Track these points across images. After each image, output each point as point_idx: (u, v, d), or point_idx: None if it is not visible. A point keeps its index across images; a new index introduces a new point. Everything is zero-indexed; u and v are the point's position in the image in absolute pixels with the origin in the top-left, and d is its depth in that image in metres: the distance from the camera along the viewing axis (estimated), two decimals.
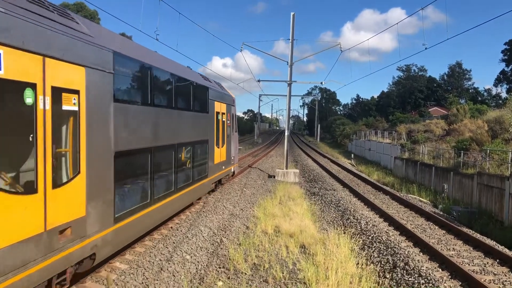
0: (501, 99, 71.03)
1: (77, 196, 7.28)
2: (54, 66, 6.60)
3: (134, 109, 9.67)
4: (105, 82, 8.20)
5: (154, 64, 10.90)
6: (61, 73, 6.79)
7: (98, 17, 55.71)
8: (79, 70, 7.31)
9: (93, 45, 7.79)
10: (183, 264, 9.96)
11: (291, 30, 26.28)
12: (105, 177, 8.29)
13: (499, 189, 19.95)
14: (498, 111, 35.87)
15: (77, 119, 7.29)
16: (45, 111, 6.39)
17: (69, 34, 7.07)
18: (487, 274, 10.71)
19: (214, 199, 17.64)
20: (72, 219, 7.11)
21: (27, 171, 6.15)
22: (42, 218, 6.35)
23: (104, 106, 8.22)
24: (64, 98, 6.91)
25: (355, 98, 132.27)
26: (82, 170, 7.41)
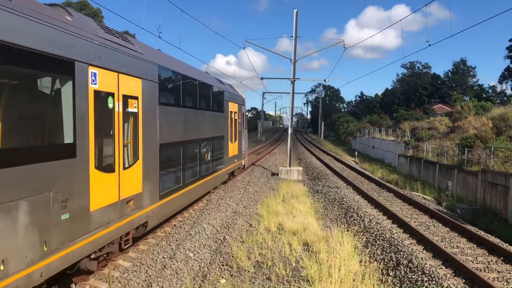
0: (506, 96, 70.77)
1: (137, 177, 9.69)
2: (123, 79, 8.95)
3: (171, 110, 12.00)
4: (153, 89, 10.60)
5: (183, 73, 13.31)
6: (127, 84, 9.14)
7: (101, 15, 55.76)
8: (137, 81, 9.68)
9: (145, 61, 10.17)
10: (186, 261, 9.97)
11: (294, 28, 26.22)
12: (154, 164, 10.66)
13: (503, 187, 19.86)
14: (503, 108, 35.71)
15: (136, 118, 9.65)
16: (119, 113, 8.78)
17: (130, 54, 9.42)
18: (491, 271, 10.67)
19: (217, 197, 17.65)
20: (134, 193, 9.53)
21: (110, 156, 8.50)
22: (117, 191, 8.74)
23: (153, 108, 10.59)
24: (129, 103, 9.28)
25: (359, 96, 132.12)
26: (140, 157, 9.81)
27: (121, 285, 8.38)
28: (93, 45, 7.92)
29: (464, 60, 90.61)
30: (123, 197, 8.94)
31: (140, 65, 9.85)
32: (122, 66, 8.92)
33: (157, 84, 10.77)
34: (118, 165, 8.75)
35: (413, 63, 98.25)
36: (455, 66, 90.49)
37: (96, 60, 7.93)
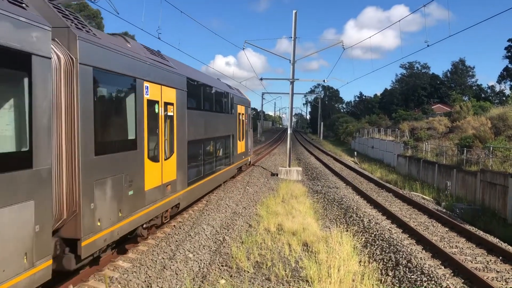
0: (504, 96, 70.80)
1: (172, 167, 12.11)
2: (164, 90, 11.46)
3: (195, 113, 14.54)
4: (183, 97, 13.03)
5: (203, 82, 15.89)
6: (167, 93, 11.63)
7: (100, 16, 55.76)
8: (173, 91, 12.14)
9: (177, 74, 12.66)
10: (185, 262, 9.99)
11: (293, 28, 26.26)
12: (183, 157, 13.12)
13: (502, 186, 19.89)
14: (502, 108, 35.81)
15: (172, 120, 12.06)
16: (161, 116, 11.22)
17: (167, 70, 11.90)
18: (490, 271, 10.70)
19: (216, 197, 17.67)
20: (171, 180, 11.96)
21: (157, 149, 10.99)
22: (160, 177, 11.21)
23: (183, 112, 13.01)
24: (168, 108, 11.70)
25: (358, 96, 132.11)
26: (174, 151, 12.26)
27: (121, 286, 8.40)
28: (146, 65, 10.37)
29: (463, 60, 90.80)
30: (164, 182, 11.48)
31: (174, 77, 12.37)
32: (163, 80, 11.46)
33: (185, 92, 13.28)
34: (161, 156, 11.29)
35: (412, 63, 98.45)
36: (454, 66, 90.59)
37: (148, 76, 10.38)
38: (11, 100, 6.15)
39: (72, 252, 7.55)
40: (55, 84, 7.07)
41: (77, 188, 7.47)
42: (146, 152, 10.26)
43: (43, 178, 6.46)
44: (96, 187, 8.01)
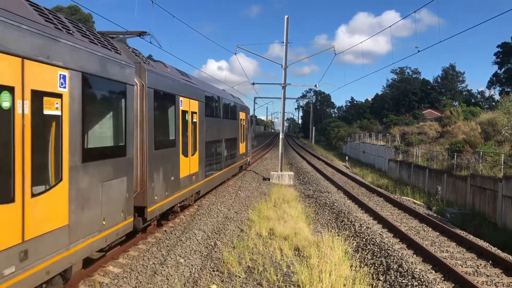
0: (494, 101, 71.54)
1: (196, 161, 15.50)
2: (191, 102, 14.78)
3: (210, 119, 17.86)
4: (202, 106, 16.39)
5: (215, 93, 19.43)
6: (192, 104, 14.97)
7: (92, 20, 55.58)
8: (196, 102, 15.48)
9: (198, 89, 16.16)
10: (176, 267, 9.93)
11: (285, 33, 26.38)
12: (202, 154, 16.45)
13: (492, 191, 20.06)
14: (491, 113, 36.15)
15: (196, 125, 15.49)
16: (189, 122, 14.55)
17: (192, 86, 15.33)
18: (480, 275, 10.76)
19: (208, 202, 17.62)
20: (195, 171, 15.32)
21: (186, 147, 14.16)
22: (189, 168, 14.48)
23: (203, 119, 16.49)
24: (193, 116, 15.09)
25: (350, 101, 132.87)
26: (197, 149, 15.60)
27: None
28: (180, 84, 13.88)
29: (453, 66, 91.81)
30: (191, 173, 14.88)
31: (197, 92, 15.74)
32: (190, 94, 14.72)
33: (204, 103, 16.60)
34: (189, 153, 14.62)
35: (402, 68, 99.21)
36: (444, 71, 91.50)
37: (181, 92, 13.70)
38: (115, 113, 9.43)
39: (139, 216, 10.86)
40: (135, 102, 10.22)
41: (145, 172, 10.85)
42: (181, 149, 13.66)
43: (130, 163, 9.84)
44: (155, 173, 11.42)
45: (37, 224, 6.37)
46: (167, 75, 12.67)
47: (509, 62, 66.97)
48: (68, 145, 7.23)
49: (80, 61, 7.61)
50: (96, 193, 8.22)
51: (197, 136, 15.60)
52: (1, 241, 5.61)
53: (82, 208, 7.66)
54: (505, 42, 66.71)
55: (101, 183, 8.39)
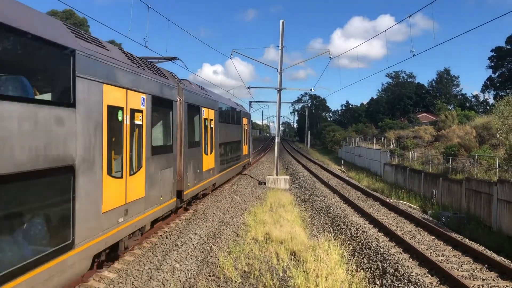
0: (488, 105, 71.94)
1: (212, 159, 18.89)
2: (209, 111, 18.37)
3: (221, 124, 21.34)
4: (216, 114, 19.96)
5: (225, 103, 23.42)
6: (210, 113, 18.43)
7: (87, 24, 55.51)
8: (213, 111, 19.10)
9: (214, 101, 19.91)
10: (172, 272, 9.89)
11: (281, 38, 26.41)
12: (217, 153, 19.99)
13: (487, 195, 20.12)
14: (486, 117, 36.33)
15: (212, 129, 18.91)
16: (207, 127, 18.00)
17: (210, 98, 19.12)
18: (476, 279, 10.78)
19: (204, 207, 17.58)
20: (212, 167, 18.82)
21: (206, 147, 17.79)
22: (208, 164, 18.13)
23: (217, 124, 19.98)
24: (210, 122, 18.59)
25: (345, 105, 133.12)
26: (214, 149, 19.07)
27: None
28: (202, 97, 17.51)
29: (448, 70, 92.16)
30: (209, 168, 18.45)
31: (212, 103, 19.51)
32: (208, 105, 18.46)
33: (217, 111, 20.40)
34: (208, 151, 18.24)
35: (397, 72, 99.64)
36: (439, 75, 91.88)
37: (203, 104, 17.39)
38: (167, 121, 13.05)
39: (178, 198, 14.10)
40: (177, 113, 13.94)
41: (182, 164, 14.39)
42: (203, 148, 17.30)
43: (175, 157, 13.52)
44: (188, 166, 14.97)
45: (131, 193, 9.86)
46: (193, 91, 16.34)
47: (503, 66, 67.42)
48: (145, 143, 10.76)
49: (150, 87, 11.14)
50: (157, 177, 11.71)
51: (213, 138, 19.33)
52: (117, 201, 9.14)
53: (151, 186, 11.13)
54: (499, 47, 67.18)
55: (160, 170, 11.93)
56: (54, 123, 6.79)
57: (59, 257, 6.86)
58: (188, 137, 15.03)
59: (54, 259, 6.74)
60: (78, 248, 7.41)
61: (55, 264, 6.75)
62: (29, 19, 6.55)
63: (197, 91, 17.04)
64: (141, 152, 10.47)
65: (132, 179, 9.87)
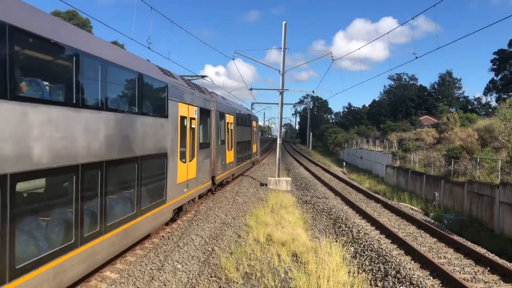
0: (490, 108, 71.76)
1: (232, 154, 23.91)
2: (230, 116, 23.17)
3: (237, 127, 25.32)
4: (235, 119, 24.49)
5: (239, 109, 27.93)
6: (230, 118, 23.27)
7: (90, 25, 55.62)
8: (232, 116, 23.83)
9: (231, 108, 24.46)
10: (174, 273, 9.90)
11: (283, 39, 26.44)
12: (235, 150, 24.55)
13: (489, 197, 20.09)
14: (488, 120, 36.23)
15: (232, 131, 23.81)
16: (230, 129, 23.06)
17: (230, 106, 24.25)
18: (478, 282, 10.77)
19: (206, 208, 17.59)
20: (232, 161, 23.97)
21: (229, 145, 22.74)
22: (230, 158, 23.12)
23: (235, 126, 24.41)
24: (230, 124, 23.34)
25: (347, 107, 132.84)
26: (233, 147, 24.12)
27: None
28: (226, 105, 22.10)
29: (450, 72, 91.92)
30: (230, 161, 22.93)
31: (232, 109, 24.00)
32: (229, 111, 22.65)
33: (235, 116, 24.53)
34: (230, 148, 22.55)
35: (400, 75, 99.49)
36: (441, 78, 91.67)
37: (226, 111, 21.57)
38: (206, 124, 17.49)
39: (211, 182, 18.70)
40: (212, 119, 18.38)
41: (214, 157, 18.79)
42: (226, 146, 21.66)
43: (210, 151, 18.21)
44: (217, 158, 19.23)
45: (189, 173, 14.69)
46: (221, 102, 20.92)
47: (505, 69, 67.19)
48: (196, 140, 15.49)
49: (198, 102, 15.84)
50: (202, 165, 16.44)
51: (233, 138, 23.74)
52: (184, 177, 13.99)
53: (199, 171, 15.88)
54: (501, 49, 66.91)
55: (203, 160, 16.66)
56: (160, 127, 11.67)
57: (161, 206, 11.92)
58: (218, 136, 19.48)
59: (160, 207, 11.87)
60: (168, 203, 12.49)
61: (160, 210, 11.88)
62: (156, 72, 12.00)
63: (223, 101, 22.03)
64: (195, 146, 15.40)
65: (190, 164, 14.83)
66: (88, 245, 7.87)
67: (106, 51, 9.02)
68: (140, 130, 10.27)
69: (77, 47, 7.58)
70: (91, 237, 7.98)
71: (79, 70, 7.56)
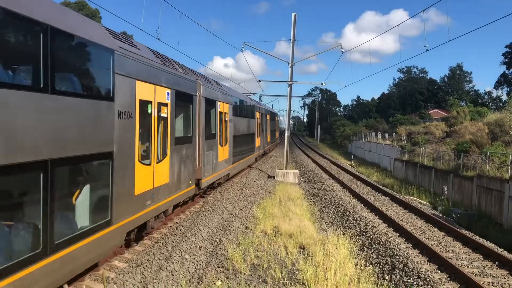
0: (501, 101, 71.02)
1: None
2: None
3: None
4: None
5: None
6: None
7: (99, 15, 55.68)
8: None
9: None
10: (182, 263, 9.95)
11: (292, 31, 26.30)
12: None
13: (498, 192, 19.94)
14: (499, 114, 35.84)
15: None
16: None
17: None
18: (486, 276, 10.71)
19: (213, 199, 17.64)
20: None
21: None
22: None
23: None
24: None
25: (356, 99, 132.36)
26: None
27: (117, 286, 8.36)
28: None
29: (461, 66, 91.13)
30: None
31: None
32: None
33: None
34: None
35: (409, 67, 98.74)
36: (452, 71, 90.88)
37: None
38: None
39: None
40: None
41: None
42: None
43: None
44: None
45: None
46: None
47: None
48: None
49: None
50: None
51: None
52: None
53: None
54: None
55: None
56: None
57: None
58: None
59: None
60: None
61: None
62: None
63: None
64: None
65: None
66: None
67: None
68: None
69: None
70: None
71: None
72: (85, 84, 7.93)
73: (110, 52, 8.29)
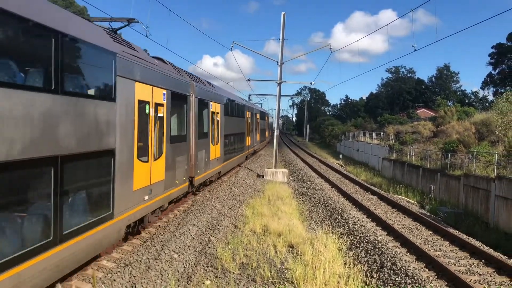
0: (488, 102, 71.83)
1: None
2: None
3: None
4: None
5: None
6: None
7: (87, 13, 55.13)
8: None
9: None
10: (170, 262, 9.90)
11: (282, 30, 26.30)
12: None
13: (485, 191, 20.17)
14: (485, 114, 36.26)
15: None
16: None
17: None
18: (473, 274, 10.83)
19: (202, 198, 17.59)
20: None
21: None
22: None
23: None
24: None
25: (344, 99, 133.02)
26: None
27: (105, 286, 8.29)
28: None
29: (448, 66, 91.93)
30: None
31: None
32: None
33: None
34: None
35: (397, 67, 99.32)
36: (439, 71, 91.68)
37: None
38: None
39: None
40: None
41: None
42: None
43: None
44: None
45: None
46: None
47: (503, 63, 67.19)
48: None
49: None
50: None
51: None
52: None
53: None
54: (500, 43, 66.84)
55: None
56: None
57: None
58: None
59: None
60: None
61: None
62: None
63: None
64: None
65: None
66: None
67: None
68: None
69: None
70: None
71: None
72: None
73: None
